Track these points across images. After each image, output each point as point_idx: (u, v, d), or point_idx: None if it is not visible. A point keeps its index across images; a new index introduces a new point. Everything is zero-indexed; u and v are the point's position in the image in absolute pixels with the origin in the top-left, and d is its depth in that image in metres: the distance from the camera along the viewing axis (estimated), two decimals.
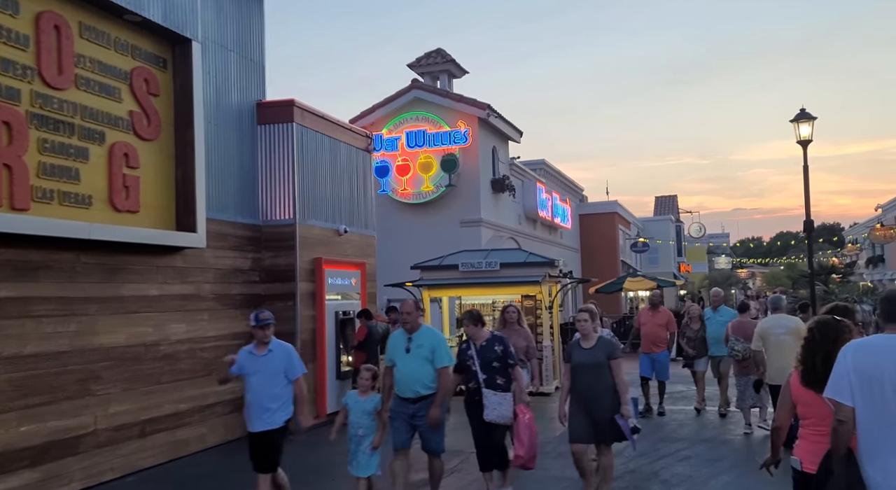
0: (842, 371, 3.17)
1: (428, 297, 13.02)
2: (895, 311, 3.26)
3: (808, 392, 3.47)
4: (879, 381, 3.07)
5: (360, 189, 11.31)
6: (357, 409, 5.66)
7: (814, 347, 3.51)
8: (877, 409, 3.07)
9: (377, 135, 17.92)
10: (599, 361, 5.66)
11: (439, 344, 5.63)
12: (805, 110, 13.77)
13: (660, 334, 10.12)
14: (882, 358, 3.12)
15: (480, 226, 17.68)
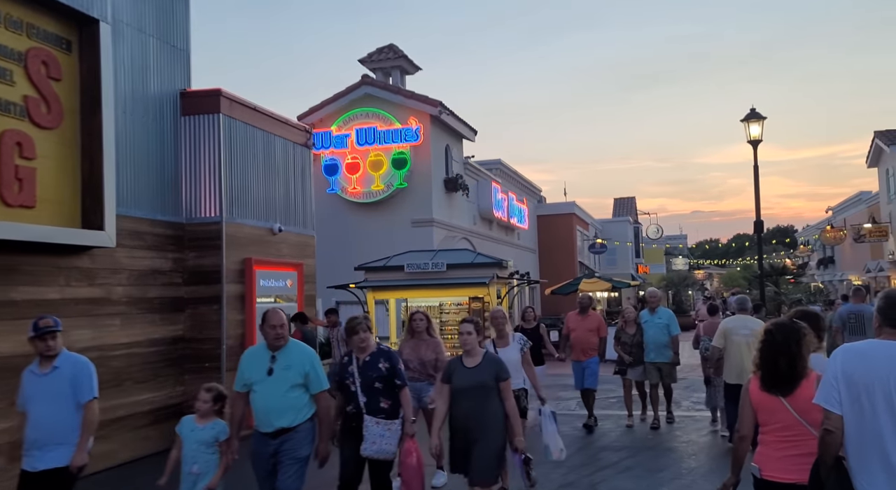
0: (831, 377, 3.01)
1: (372, 299, 12.54)
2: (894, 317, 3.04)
3: (769, 397, 3.34)
4: (869, 389, 2.92)
5: (298, 186, 10.75)
6: (192, 439, 4.47)
7: (775, 349, 3.37)
8: (865, 418, 2.92)
9: (326, 132, 17.36)
10: (484, 383, 4.77)
11: (313, 365, 4.57)
12: (755, 110, 13.69)
13: (590, 340, 9.43)
14: (874, 366, 2.95)
15: (433, 226, 17.23)
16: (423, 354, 6.48)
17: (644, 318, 9.45)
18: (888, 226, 25.06)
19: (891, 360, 2.94)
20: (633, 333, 9.40)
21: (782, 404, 3.29)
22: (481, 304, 12.42)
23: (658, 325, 9.22)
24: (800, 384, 3.29)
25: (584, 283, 22.51)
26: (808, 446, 3.18)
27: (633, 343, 9.35)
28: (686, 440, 8.57)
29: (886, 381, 2.90)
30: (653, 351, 9.20)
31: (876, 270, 26.93)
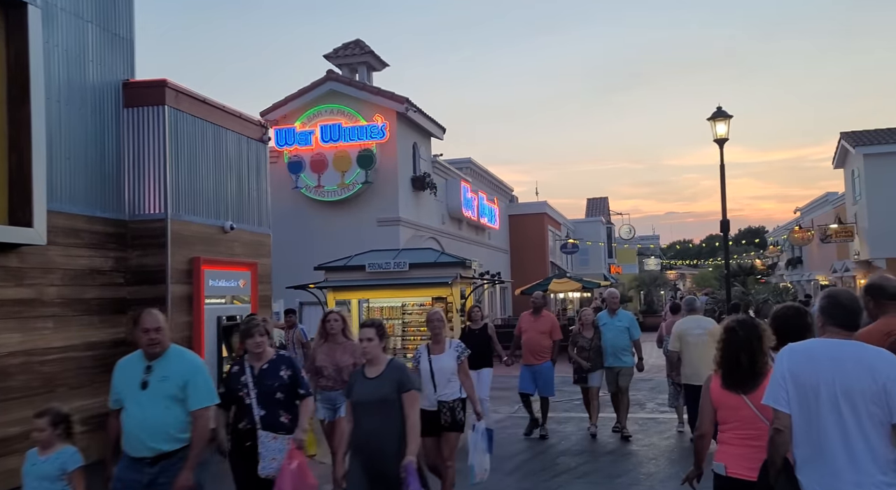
0: (779, 377, 3.00)
1: (333, 299, 12.17)
2: (843, 318, 3.01)
3: (730, 395, 3.34)
4: (815, 389, 2.89)
5: (252, 182, 10.36)
6: (32, 475, 3.77)
7: (738, 346, 3.38)
8: (812, 419, 2.90)
9: (290, 128, 16.97)
10: (385, 396, 4.18)
11: (195, 374, 3.92)
12: (721, 108, 13.59)
13: (542, 343, 8.78)
14: (819, 366, 2.92)
15: (399, 225, 16.93)
16: (340, 359, 5.93)
17: (603, 320, 8.83)
18: (853, 226, 25.32)
19: (835, 360, 2.90)
20: (591, 337, 8.75)
21: (744, 402, 3.28)
22: (444, 304, 12.12)
23: (618, 328, 8.68)
24: (762, 381, 3.28)
25: (555, 283, 22.37)
26: None
27: (591, 347, 8.72)
28: (647, 443, 8.37)
29: (832, 382, 2.86)
30: (612, 356, 8.65)
31: (842, 270, 27.21)
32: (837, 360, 2.91)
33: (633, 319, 8.90)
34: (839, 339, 3.00)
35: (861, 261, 24.77)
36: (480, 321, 9.01)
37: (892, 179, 23.07)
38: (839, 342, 2.98)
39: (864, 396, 2.81)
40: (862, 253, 24.50)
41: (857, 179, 24.69)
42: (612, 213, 47.69)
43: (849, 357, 2.90)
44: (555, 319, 9.25)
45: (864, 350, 2.93)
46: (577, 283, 22.75)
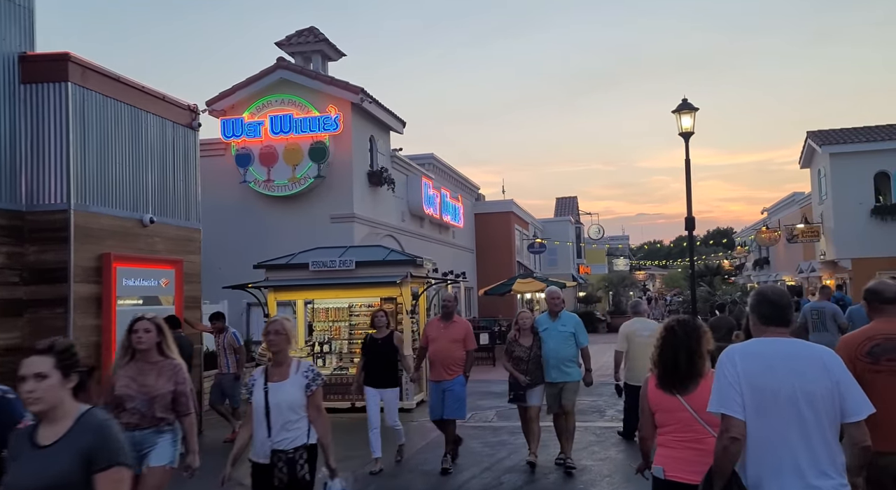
0: (731, 381, 2.79)
1: (274, 300, 11.32)
2: (775, 314, 2.90)
3: (667, 397, 3.30)
4: (774, 392, 2.75)
5: (179, 172, 9.46)
6: None
7: (676, 345, 3.33)
8: (773, 422, 2.74)
9: (238, 119, 16.02)
10: (58, 482, 2.38)
11: None
12: (687, 101, 13.03)
13: (454, 354, 7.32)
14: (774, 366, 2.78)
15: (353, 221, 16.08)
16: (153, 386, 4.35)
17: (543, 324, 7.29)
18: (819, 226, 25.14)
19: (790, 361, 2.78)
20: (530, 346, 7.16)
21: (680, 403, 3.23)
22: (394, 305, 11.35)
23: (561, 334, 7.17)
24: (699, 383, 3.24)
25: (519, 283, 21.73)
26: (707, 444, 3.09)
27: (529, 358, 7.12)
28: (604, 457, 7.70)
29: (791, 384, 2.74)
30: (554, 368, 7.14)
31: (808, 271, 27.05)
32: (792, 360, 2.78)
33: (580, 323, 7.42)
34: (783, 337, 2.86)
35: (827, 261, 24.59)
36: (386, 329, 7.52)
37: (858, 179, 22.90)
38: (788, 341, 2.85)
39: (822, 397, 2.72)
40: (828, 253, 24.32)
41: (823, 179, 24.50)
42: (581, 213, 47.31)
43: (801, 356, 2.79)
44: (468, 326, 7.74)
45: (814, 349, 2.84)
46: (541, 283, 22.11)
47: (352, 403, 11.00)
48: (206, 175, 16.81)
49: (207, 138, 16.87)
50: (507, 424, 9.83)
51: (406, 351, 8.90)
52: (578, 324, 7.43)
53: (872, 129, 23.95)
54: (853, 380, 2.80)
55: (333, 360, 11.51)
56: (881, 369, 3.51)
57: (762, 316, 2.93)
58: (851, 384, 2.77)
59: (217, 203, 16.45)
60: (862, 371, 3.48)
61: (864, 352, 3.55)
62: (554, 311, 7.41)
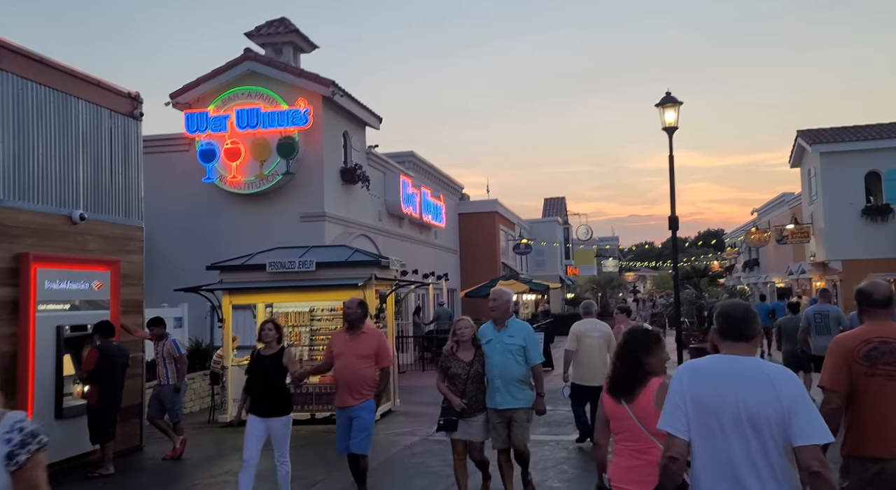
0: (677, 399, 2.78)
1: (229, 304, 10.57)
2: (732, 330, 2.82)
3: (616, 405, 3.32)
4: (717, 412, 2.69)
5: (118, 165, 8.71)
6: None
7: (625, 353, 3.39)
8: (716, 443, 2.69)
9: (202, 112, 15.25)
10: None
11: None
12: (671, 94, 12.38)
13: (363, 373, 5.89)
14: (719, 385, 2.73)
15: (324, 221, 15.35)
16: None
17: (486, 336, 5.78)
18: (810, 227, 24.59)
19: (737, 379, 2.72)
20: (470, 361, 5.64)
21: (626, 411, 3.26)
22: None
23: (507, 348, 5.65)
24: (643, 390, 3.25)
25: (500, 284, 21.01)
26: (653, 455, 3.06)
27: (468, 377, 5.59)
28: (571, 477, 7.00)
29: (736, 403, 2.68)
30: (499, 391, 5.59)
31: (798, 272, 26.51)
32: (738, 378, 2.71)
33: (532, 334, 5.89)
34: (735, 354, 2.80)
35: (817, 262, 24.03)
36: (276, 344, 6.03)
37: (848, 178, 22.35)
38: (737, 358, 2.78)
39: (769, 420, 2.64)
40: (818, 254, 23.76)
41: (814, 178, 23.95)
42: (569, 214, 46.70)
43: (749, 375, 2.72)
44: (381, 338, 6.29)
45: (764, 367, 2.76)
46: (524, 284, 21.44)
47: (311, 414, 10.28)
48: (169, 171, 16.17)
49: (171, 133, 16.14)
50: None
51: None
52: (530, 335, 5.82)
53: (863, 129, 23.42)
54: (808, 401, 2.65)
55: None
56: (877, 373, 3.48)
57: (719, 329, 2.87)
58: (804, 406, 2.63)
59: (181, 201, 15.70)
60: (858, 374, 3.49)
61: (861, 354, 3.51)
62: (496, 317, 5.79)
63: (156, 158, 16.12)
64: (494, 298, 5.80)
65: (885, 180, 22.25)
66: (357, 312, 6.08)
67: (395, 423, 10.39)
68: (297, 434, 9.54)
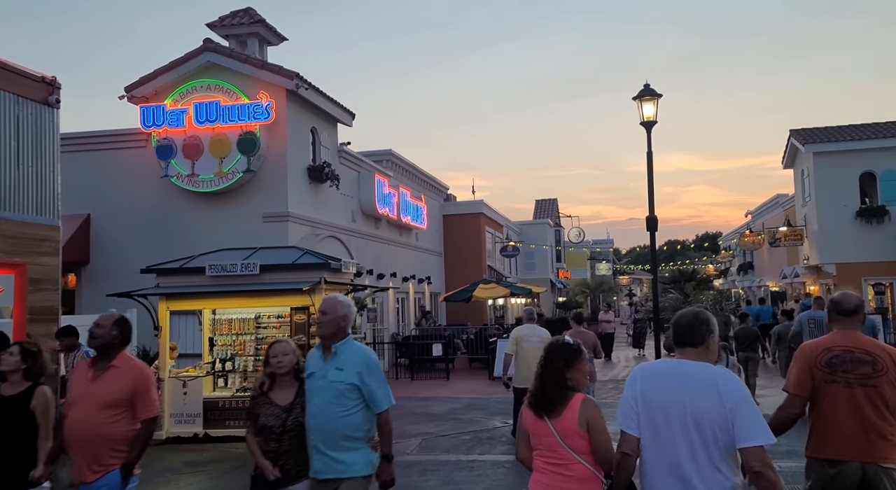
0: (630, 398, 3.00)
1: (166, 309, 9.75)
2: (677, 337, 3.02)
3: (537, 420, 3.26)
4: (665, 412, 2.88)
5: (28, 158, 7.90)
6: None
7: (547, 367, 3.30)
8: (663, 442, 2.87)
9: (159, 106, 14.43)
10: None
11: None
12: (649, 86, 11.58)
13: (104, 430, 3.93)
14: (668, 386, 2.92)
15: (288, 221, 14.52)
16: None
17: (308, 367, 3.91)
18: (803, 229, 23.80)
19: (684, 381, 2.89)
20: (289, 405, 3.86)
21: (548, 427, 3.21)
22: (305, 315, 9.80)
23: (333, 388, 3.76)
24: (565, 406, 3.19)
25: (481, 289, 20.23)
26: (572, 471, 3.12)
27: (286, 429, 3.81)
28: None
29: (682, 404, 2.85)
30: (319, 451, 3.77)
31: (791, 276, 25.72)
32: (686, 381, 2.89)
33: (373, 364, 3.86)
34: (685, 358, 2.99)
35: (811, 266, 23.25)
36: (24, 380, 4.28)
37: (842, 179, 21.57)
38: (686, 363, 2.97)
39: (712, 421, 2.79)
40: (811, 258, 22.97)
41: (807, 179, 23.17)
42: (561, 216, 45.85)
43: (696, 378, 2.88)
44: (145, 373, 4.15)
45: (711, 371, 2.90)
46: (504, 289, 20.62)
47: None
48: (124, 168, 15.34)
49: (127, 128, 15.33)
50: (428, 458, 8.32)
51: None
52: (370, 367, 3.81)
53: (858, 128, 22.63)
54: (751, 405, 2.80)
55: (236, 380, 9.95)
56: (836, 380, 3.65)
57: (672, 336, 3.05)
58: (747, 409, 2.78)
59: (138, 199, 14.88)
60: (819, 380, 3.68)
61: (823, 362, 3.70)
62: (323, 337, 3.86)
63: (112, 154, 15.36)
64: (324, 310, 3.84)
65: (880, 181, 21.47)
66: (108, 335, 4.02)
67: None
68: (240, 452, 8.73)
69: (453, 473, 7.52)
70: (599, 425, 3.10)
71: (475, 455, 8.44)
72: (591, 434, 3.09)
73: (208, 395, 9.63)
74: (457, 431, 9.93)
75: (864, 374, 3.60)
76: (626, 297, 54.47)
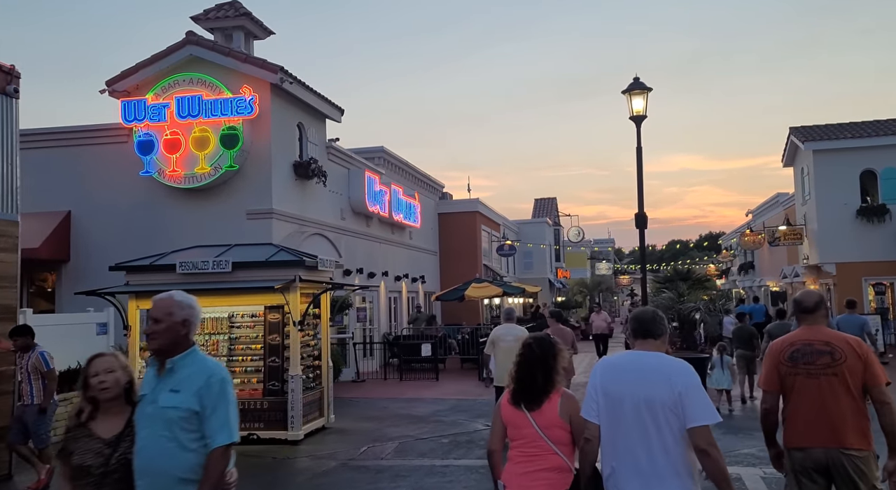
0: (591, 389, 3.23)
1: (136, 308, 9.45)
2: (641, 329, 3.27)
3: (517, 412, 3.38)
4: (620, 400, 3.11)
5: None
6: None
7: (532, 362, 3.43)
8: (619, 427, 3.10)
9: (140, 100, 14.14)
10: None
11: None
12: (639, 80, 11.23)
13: None
14: (624, 377, 3.16)
15: (272, 218, 14.22)
16: None
17: (143, 387, 3.05)
18: (803, 228, 23.41)
19: (638, 371, 3.13)
20: (114, 439, 2.97)
21: (527, 419, 3.33)
22: (280, 315, 9.48)
23: (162, 416, 2.90)
24: (546, 399, 3.35)
25: (473, 288, 19.88)
26: (548, 461, 3.27)
27: (108, 470, 2.91)
28: None
29: (635, 393, 3.07)
30: None
31: (792, 275, 25.33)
32: (640, 371, 3.13)
33: (222, 384, 3.02)
34: (643, 349, 3.23)
35: (810, 266, 22.86)
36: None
37: (843, 177, 21.19)
38: (642, 354, 3.21)
39: (663, 406, 3.01)
40: (811, 257, 22.59)
41: (807, 178, 22.79)
42: (561, 215, 45.45)
43: (649, 368, 3.12)
44: None
45: (663, 360, 3.15)
46: (497, 288, 20.28)
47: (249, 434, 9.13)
48: (105, 165, 15.03)
49: (108, 123, 15.02)
50: (402, 463, 8.00)
51: None
52: (214, 384, 2.98)
53: (859, 125, 22.23)
54: (699, 390, 3.04)
55: None
56: (798, 372, 3.85)
57: (631, 329, 3.32)
58: (694, 393, 3.02)
59: (118, 196, 14.57)
60: (784, 374, 3.89)
61: (786, 357, 3.91)
62: (155, 351, 3.05)
63: (92, 150, 15.06)
64: (156, 317, 3.01)
65: (881, 179, 21.07)
66: None
67: (322, 442, 9.26)
68: None
69: (424, 480, 7.20)
70: (580, 417, 3.28)
71: (450, 459, 8.12)
72: (574, 426, 3.29)
73: None
74: (436, 435, 9.60)
75: (825, 364, 3.78)
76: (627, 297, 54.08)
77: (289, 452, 8.63)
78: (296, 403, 9.14)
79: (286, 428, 9.12)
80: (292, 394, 9.14)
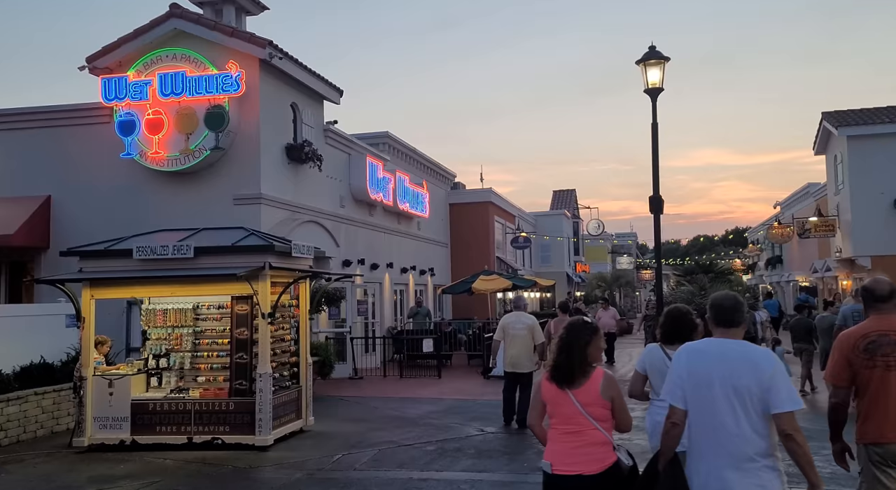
0: (676, 375, 3.34)
1: (90, 298, 8.57)
2: (722, 317, 3.33)
3: (558, 391, 3.54)
4: (709, 385, 3.21)
5: None
6: None
7: (570, 344, 3.58)
8: (706, 413, 3.21)
9: (121, 78, 13.29)
10: None
11: None
12: (655, 49, 10.06)
13: None
14: (712, 363, 3.24)
15: (260, 203, 13.31)
16: None
17: None
18: (836, 219, 21.94)
19: (724, 358, 3.24)
20: None
21: (568, 397, 3.50)
22: (248, 306, 8.53)
23: None
24: (587, 378, 3.51)
25: (481, 280, 18.79)
26: (590, 437, 3.45)
27: None
28: None
29: (724, 378, 3.18)
30: None
31: (823, 270, 23.87)
32: (726, 357, 3.24)
33: None
34: (724, 337, 3.33)
35: (843, 259, 21.40)
36: None
37: (879, 166, 19.70)
38: (726, 341, 3.31)
39: (749, 392, 3.15)
40: (844, 250, 21.13)
41: (840, 165, 21.32)
42: (580, 207, 44.09)
43: (735, 355, 3.24)
44: None
45: (748, 348, 3.28)
46: (506, 281, 19.19)
47: (188, 438, 8.23)
48: (85, 146, 14.14)
49: (89, 102, 14.20)
50: (375, 475, 7.00)
51: None
52: None
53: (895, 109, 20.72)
54: (784, 376, 3.18)
55: (172, 379, 8.72)
56: (876, 364, 3.76)
57: (712, 318, 3.37)
58: (781, 380, 3.15)
59: (99, 179, 13.74)
60: (859, 367, 3.81)
61: (861, 348, 3.81)
62: None
63: (73, 131, 14.24)
64: None
65: None
66: None
67: (293, 449, 8.29)
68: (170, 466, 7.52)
69: None
70: (620, 395, 3.53)
71: (431, 471, 7.11)
72: (615, 403, 3.48)
73: (137, 397, 8.42)
74: (422, 440, 8.60)
75: None
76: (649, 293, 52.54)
77: (252, 460, 7.68)
78: (264, 405, 8.18)
79: (254, 432, 8.18)
80: (261, 394, 8.18)
